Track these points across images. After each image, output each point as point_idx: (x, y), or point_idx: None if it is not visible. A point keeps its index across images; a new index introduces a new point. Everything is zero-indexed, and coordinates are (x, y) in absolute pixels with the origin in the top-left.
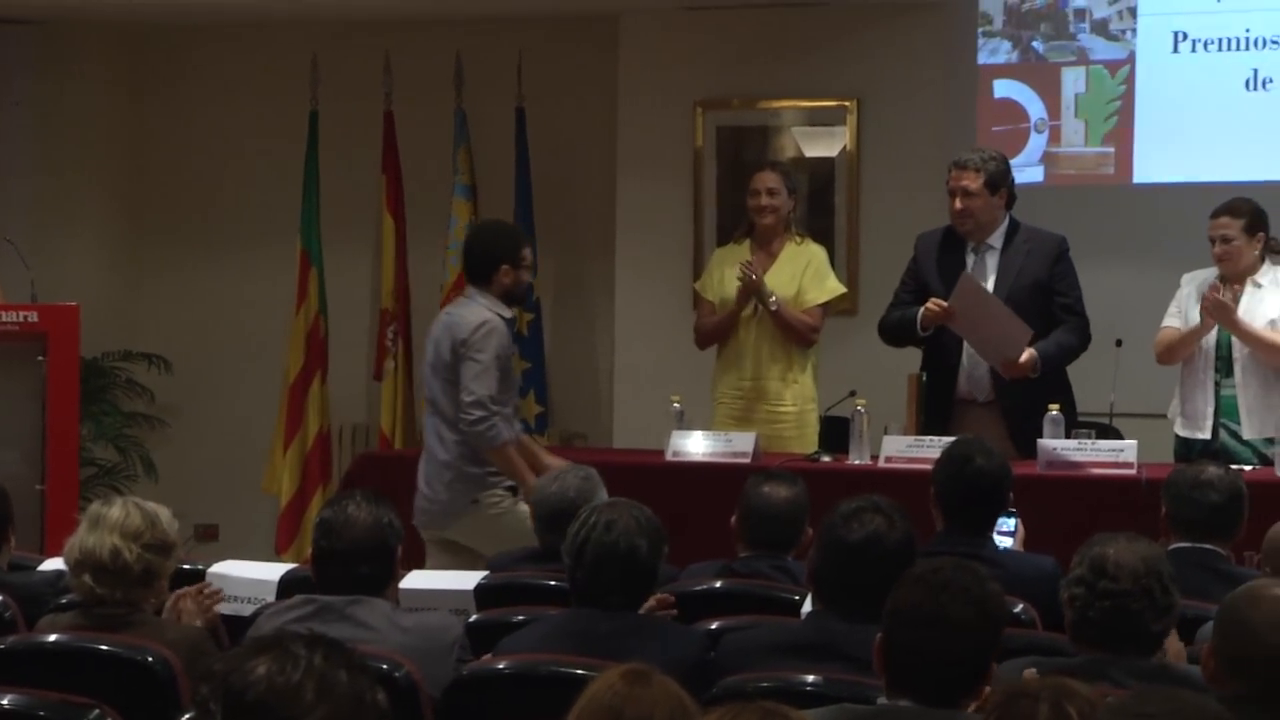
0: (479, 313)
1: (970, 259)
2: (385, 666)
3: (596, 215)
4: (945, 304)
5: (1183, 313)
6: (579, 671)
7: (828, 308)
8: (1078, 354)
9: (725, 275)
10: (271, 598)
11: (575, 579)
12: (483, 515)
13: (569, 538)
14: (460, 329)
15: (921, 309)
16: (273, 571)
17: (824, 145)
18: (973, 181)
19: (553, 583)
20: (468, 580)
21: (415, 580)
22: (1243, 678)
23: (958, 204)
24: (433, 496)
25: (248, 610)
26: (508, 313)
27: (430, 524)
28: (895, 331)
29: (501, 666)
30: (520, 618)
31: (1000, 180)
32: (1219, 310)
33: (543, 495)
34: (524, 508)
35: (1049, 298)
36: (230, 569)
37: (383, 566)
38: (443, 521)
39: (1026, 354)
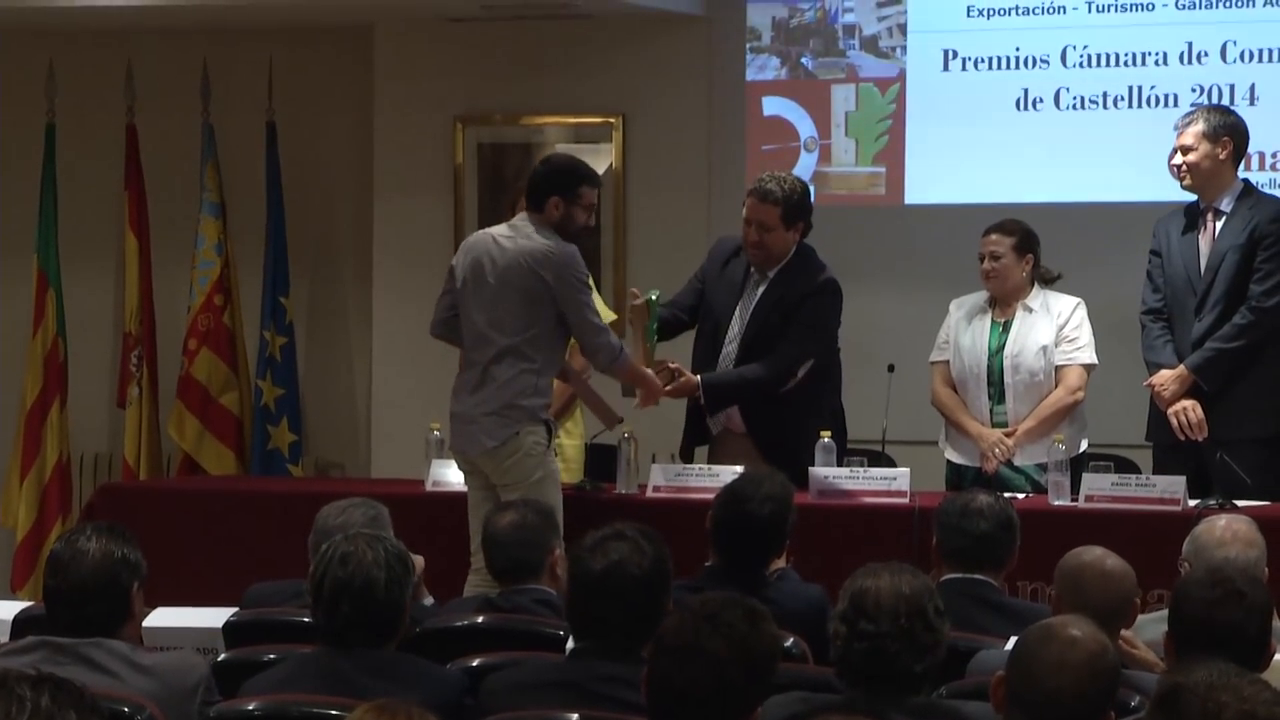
0: (554, 241)
1: (752, 280)
2: (126, 709)
3: (353, 234)
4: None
5: (952, 343)
6: (332, 712)
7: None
8: (761, 390)
9: None
10: (5, 638)
11: (315, 616)
12: (520, 450)
13: (310, 573)
14: (542, 254)
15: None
16: (6, 610)
17: (590, 162)
18: (769, 215)
19: (308, 619)
20: (216, 617)
21: (160, 618)
22: (1024, 712)
23: (753, 235)
24: (471, 417)
25: None
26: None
27: (466, 447)
28: None
29: (251, 708)
30: (270, 656)
31: (799, 213)
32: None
33: (323, 528)
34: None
35: (790, 321)
36: None
37: (115, 605)
38: (477, 445)
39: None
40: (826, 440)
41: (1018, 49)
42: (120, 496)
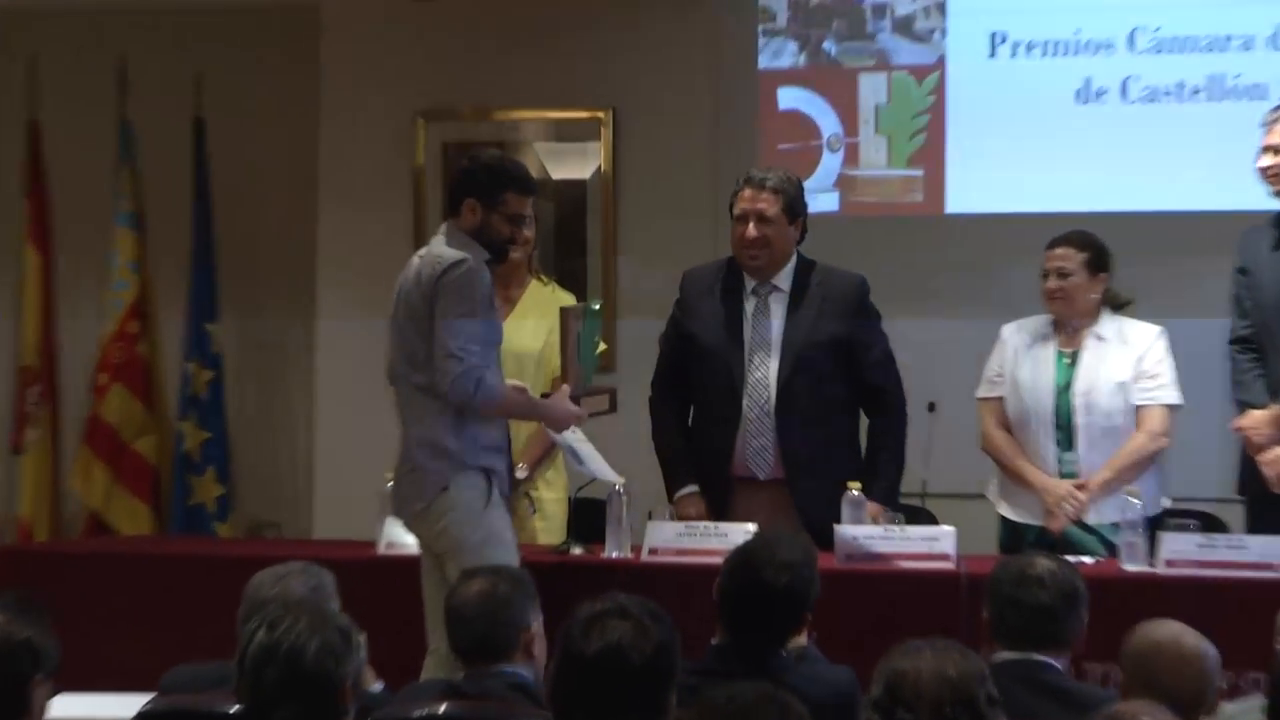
0: (451, 251)
1: (750, 303)
2: None
3: (294, 251)
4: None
5: (1008, 376)
6: None
7: None
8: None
9: None
10: None
11: (239, 693)
12: (452, 509)
13: (237, 650)
14: (432, 266)
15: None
16: None
17: (574, 165)
18: (770, 205)
19: (234, 709)
20: (127, 706)
21: (62, 707)
22: None
23: (750, 230)
24: (400, 473)
25: None
26: (483, 255)
27: (399, 510)
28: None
29: None
30: None
31: (798, 207)
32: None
33: (256, 599)
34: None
35: (851, 356)
36: None
37: (11, 696)
38: (405, 508)
39: (872, 507)
40: (855, 493)
41: (1078, 31)
42: (13, 562)
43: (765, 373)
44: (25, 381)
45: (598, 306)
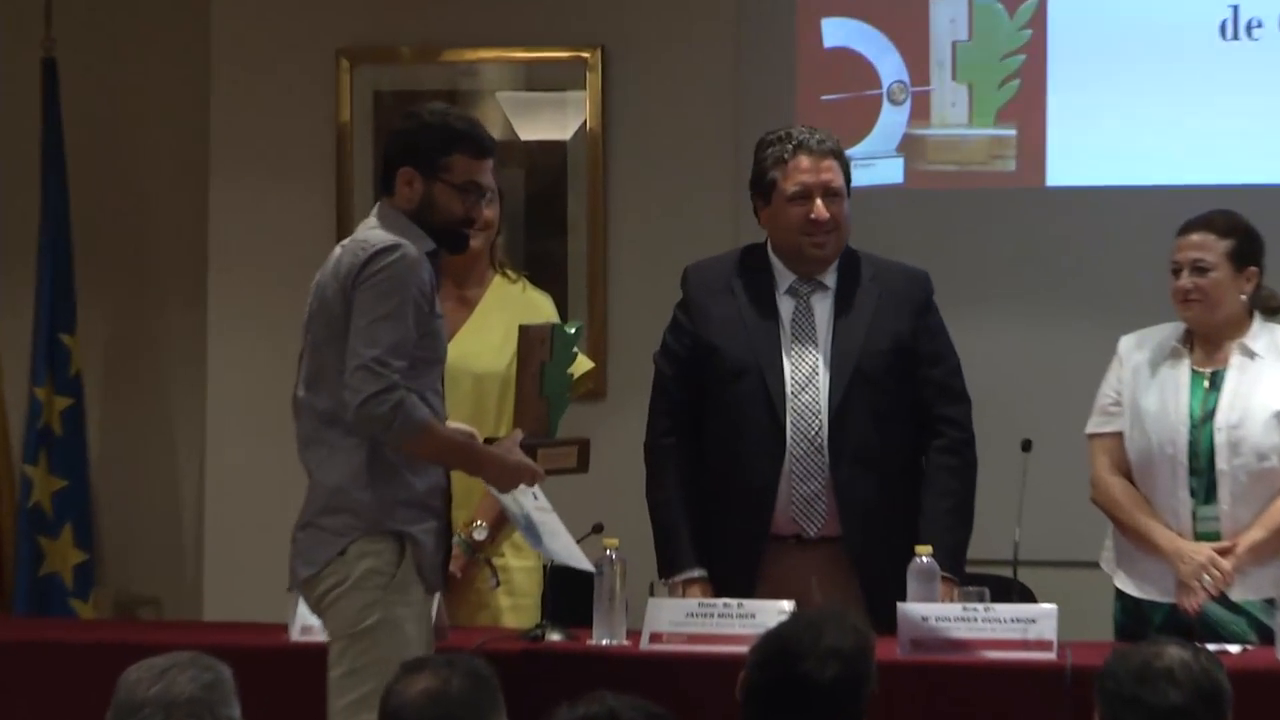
0: (381, 235)
1: (786, 304)
2: None
3: (178, 237)
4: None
5: (1127, 405)
6: None
7: None
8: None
9: None
10: None
11: None
12: (342, 580)
13: None
14: (354, 254)
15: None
16: None
17: (551, 122)
18: (837, 175)
19: None
20: None
21: None
22: None
23: (820, 209)
24: (294, 536)
25: None
26: (426, 244)
27: (291, 581)
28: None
29: None
30: None
31: (850, 176)
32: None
33: (129, 702)
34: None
35: (910, 368)
36: None
37: None
38: (293, 576)
39: (944, 588)
40: (925, 560)
41: None
42: None
43: (814, 394)
44: None
45: (574, 330)
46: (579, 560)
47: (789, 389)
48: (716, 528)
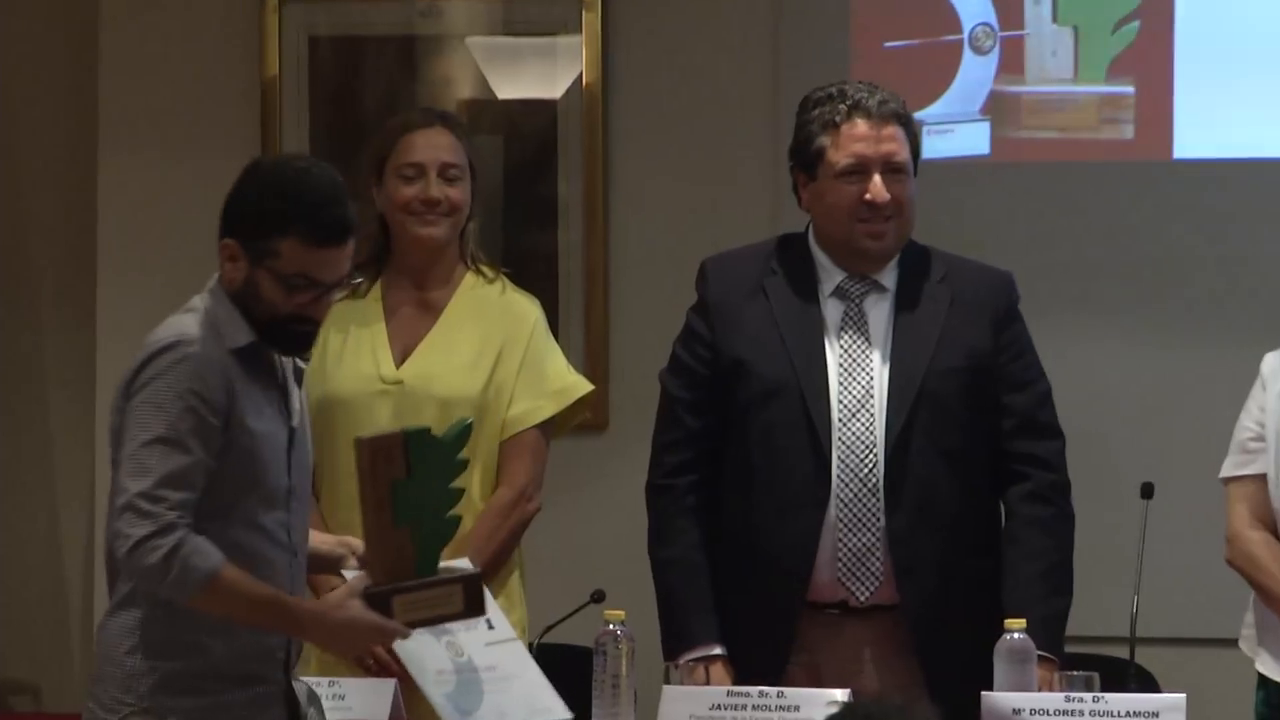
0: (177, 324)
1: (833, 308)
2: None
3: (57, 227)
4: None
5: (1271, 441)
6: None
7: (553, 427)
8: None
9: (330, 352)
10: None
11: None
12: None
13: None
14: (142, 360)
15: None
16: None
17: (536, 77)
18: (901, 146)
19: None
20: None
21: None
22: None
23: (878, 188)
24: None
25: None
26: (241, 337)
27: None
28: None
29: None
30: None
31: (919, 148)
32: None
33: None
34: None
35: (988, 392)
36: None
37: None
38: None
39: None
40: (1017, 637)
41: None
42: None
43: (867, 422)
44: None
45: (456, 432)
46: (551, 711)
47: (836, 416)
48: (739, 593)
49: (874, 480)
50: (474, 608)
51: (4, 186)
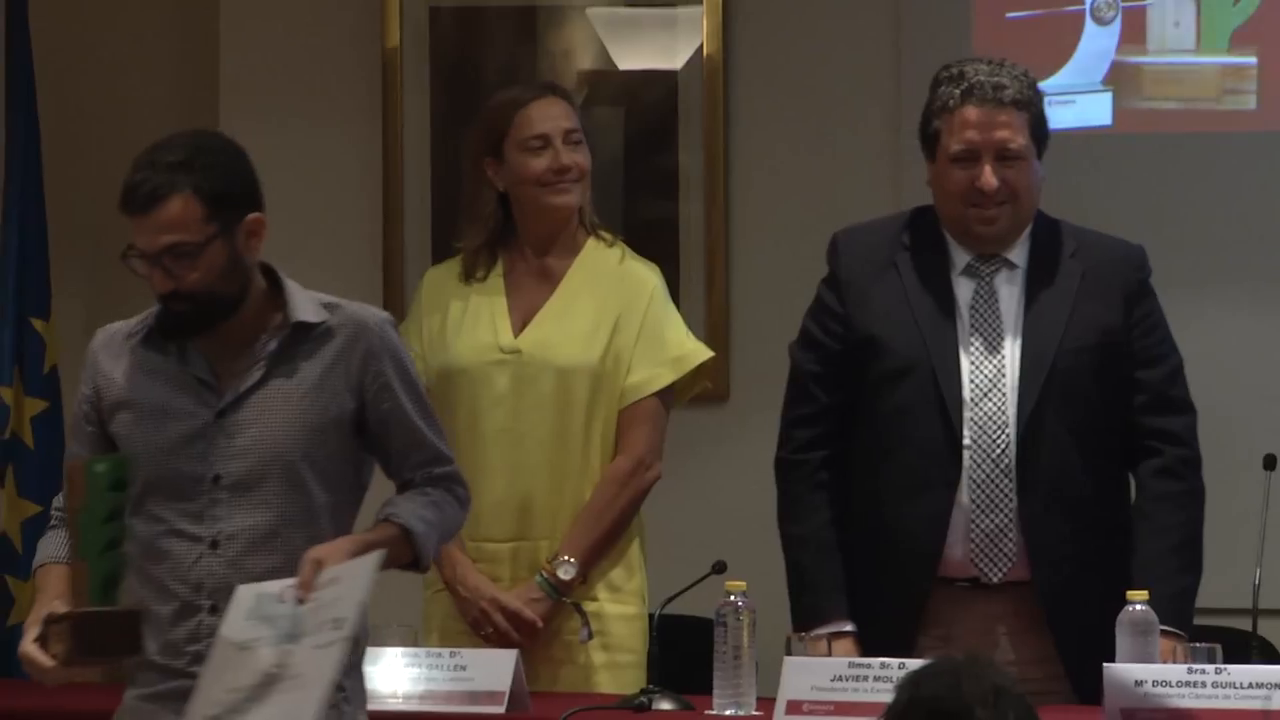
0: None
1: (965, 288)
2: None
3: None
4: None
5: None
6: None
7: (673, 395)
8: None
9: (450, 322)
10: None
11: None
12: None
13: None
14: None
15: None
16: None
17: (656, 48)
18: (1016, 132)
19: None
20: None
21: None
22: None
23: (988, 176)
24: None
25: None
26: (143, 325)
27: None
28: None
29: None
30: None
31: (1043, 131)
32: None
33: None
34: None
35: (1120, 369)
36: None
37: None
38: None
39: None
40: (1139, 608)
41: None
42: None
43: (999, 402)
44: None
45: (114, 464)
46: None
47: (967, 395)
48: (868, 569)
49: (1006, 461)
50: (133, 646)
51: (123, 155)
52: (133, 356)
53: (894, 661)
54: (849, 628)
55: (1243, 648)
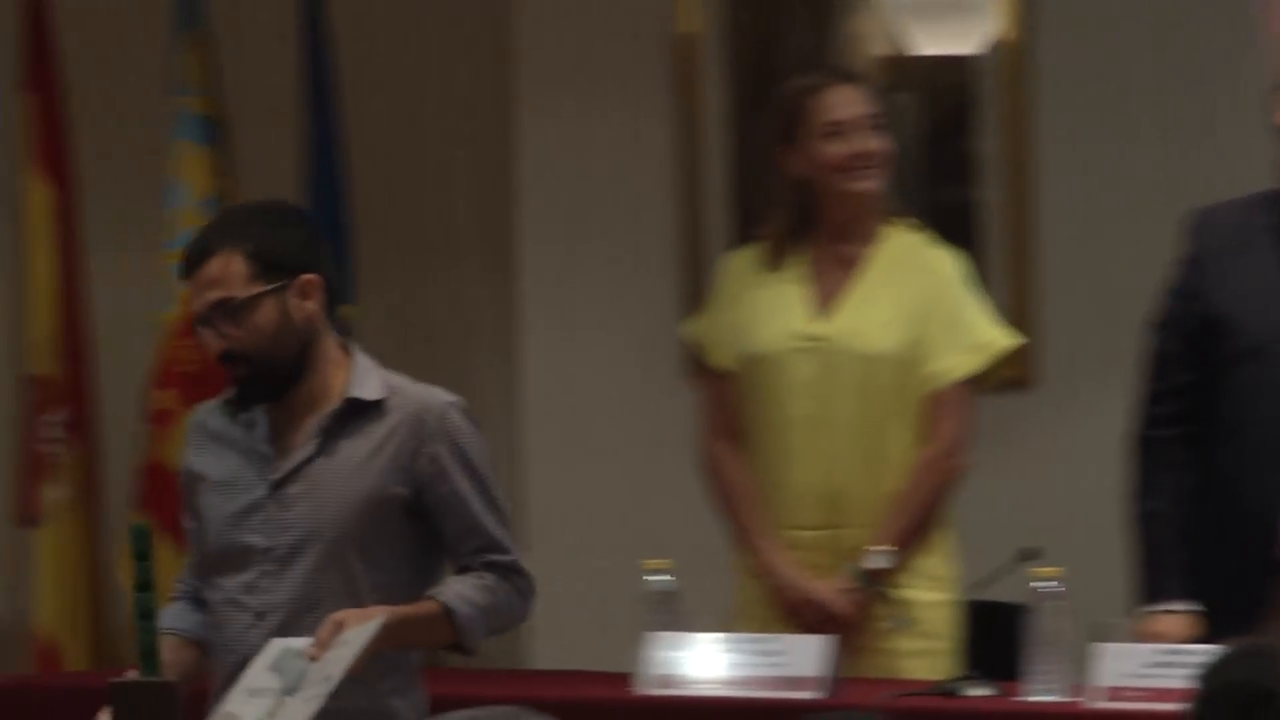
0: None
1: None
2: None
3: (479, 185)
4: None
5: None
6: None
7: (978, 385)
8: None
9: (752, 309)
10: None
11: None
12: None
13: None
14: None
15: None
16: None
17: (952, 34)
18: None
19: None
20: None
21: None
22: None
23: None
24: None
25: None
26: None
27: None
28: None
29: None
30: None
31: None
32: None
33: None
34: None
35: None
36: None
37: None
38: None
39: None
40: None
41: None
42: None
43: None
44: (39, 403)
45: (131, 539)
46: None
47: None
48: (1217, 550)
49: None
50: (167, 717)
51: (421, 143)
52: (214, 428)
53: (1208, 647)
54: (1191, 607)
55: None
